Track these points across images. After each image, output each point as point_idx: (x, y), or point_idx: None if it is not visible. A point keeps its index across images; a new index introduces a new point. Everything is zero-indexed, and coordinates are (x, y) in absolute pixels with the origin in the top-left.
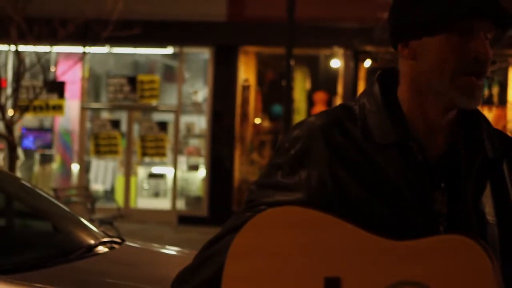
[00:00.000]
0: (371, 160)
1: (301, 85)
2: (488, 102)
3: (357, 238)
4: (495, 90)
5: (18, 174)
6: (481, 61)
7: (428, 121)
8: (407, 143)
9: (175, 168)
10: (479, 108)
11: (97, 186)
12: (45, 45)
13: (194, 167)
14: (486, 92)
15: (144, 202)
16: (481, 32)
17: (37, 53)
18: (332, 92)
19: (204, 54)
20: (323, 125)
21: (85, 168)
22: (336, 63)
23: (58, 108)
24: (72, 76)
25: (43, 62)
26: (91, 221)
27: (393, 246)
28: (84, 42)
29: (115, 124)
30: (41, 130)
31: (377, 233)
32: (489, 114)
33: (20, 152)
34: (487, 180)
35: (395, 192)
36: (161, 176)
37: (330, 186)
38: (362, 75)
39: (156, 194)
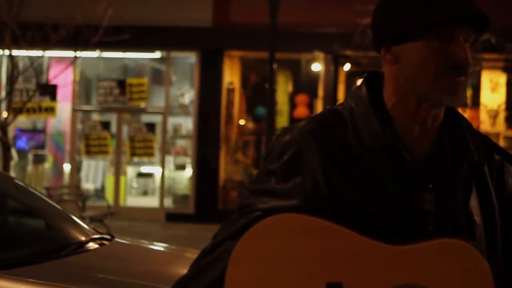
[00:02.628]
0: (362, 163)
1: (283, 88)
2: (462, 104)
3: (356, 243)
4: (469, 93)
5: (12, 173)
6: (461, 65)
7: (415, 123)
8: (396, 146)
9: (163, 168)
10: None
11: (88, 185)
12: (38, 49)
13: (181, 167)
14: None
15: (133, 200)
16: (461, 37)
17: (30, 57)
18: (313, 95)
19: (190, 58)
20: (314, 130)
21: (77, 168)
22: (317, 66)
23: (50, 110)
24: (63, 80)
25: (36, 66)
26: (82, 218)
27: (392, 251)
28: (75, 46)
29: (105, 125)
30: (34, 131)
31: (376, 238)
32: (468, 120)
33: (14, 152)
34: (473, 181)
35: (386, 193)
36: (149, 175)
37: (325, 190)
38: (341, 78)
39: (145, 193)
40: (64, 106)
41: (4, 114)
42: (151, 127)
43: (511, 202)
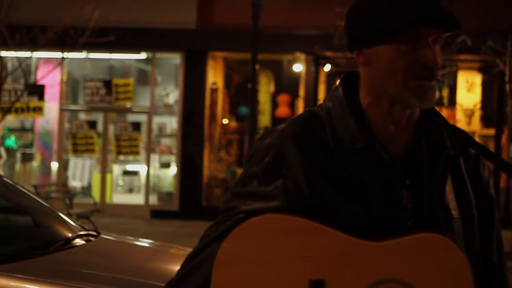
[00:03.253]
0: (341, 164)
1: (265, 88)
2: (439, 103)
3: (337, 241)
4: (445, 92)
5: (1, 171)
6: (430, 67)
7: (390, 122)
8: (373, 146)
9: (148, 166)
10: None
11: (75, 183)
12: (26, 50)
13: (166, 165)
14: (437, 94)
15: (119, 198)
16: (429, 39)
17: (18, 58)
18: (294, 95)
19: (175, 59)
20: (294, 133)
21: (64, 166)
22: (298, 67)
23: (38, 110)
24: (51, 80)
25: (24, 66)
26: (69, 215)
27: (372, 247)
28: (63, 48)
29: (92, 124)
30: (22, 130)
31: (356, 235)
32: (443, 116)
33: (2, 151)
34: (449, 176)
35: (365, 192)
36: (135, 173)
37: (306, 191)
38: (322, 78)
39: (130, 190)
40: (51, 106)
41: None
42: (136, 126)
43: (486, 194)
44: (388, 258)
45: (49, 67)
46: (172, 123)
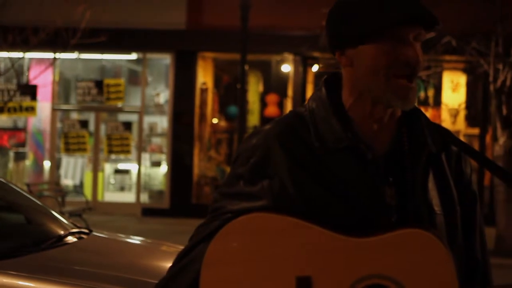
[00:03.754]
0: (326, 164)
1: (254, 88)
2: (424, 103)
3: (323, 238)
4: (431, 93)
5: None
6: (412, 64)
7: (372, 121)
8: (356, 145)
9: (139, 164)
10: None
11: (67, 181)
12: (19, 51)
13: (157, 163)
14: (422, 94)
15: (111, 196)
16: (411, 37)
17: (11, 59)
18: (283, 94)
19: (165, 59)
20: (279, 134)
21: (56, 165)
22: (286, 67)
23: (31, 109)
24: (43, 80)
25: (17, 67)
26: (61, 213)
27: (357, 243)
28: (55, 48)
29: (84, 124)
30: (15, 129)
31: (341, 232)
32: (425, 114)
33: None
34: (431, 173)
35: (350, 191)
36: (126, 171)
37: (292, 191)
38: (310, 78)
39: (122, 188)
40: (44, 105)
41: None
42: (127, 125)
43: (469, 190)
44: (372, 254)
45: (41, 67)
46: (162, 122)
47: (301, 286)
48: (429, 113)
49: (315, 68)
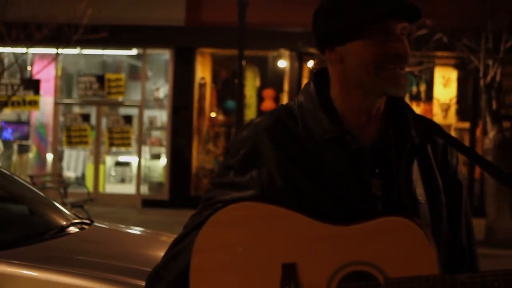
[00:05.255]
0: (314, 155)
1: (251, 83)
2: (417, 98)
3: (308, 226)
4: (423, 88)
5: None
6: (402, 55)
7: (360, 114)
8: (343, 137)
9: (139, 157)
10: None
11: (69, 173)
12: (22, 47)
13: (156, 156)
14: (414, 89)
15: (112, 188)
16: (397, 29)
17: (14, 54)
18: (279, 89)
19: (165, 55)
20: (268, 126)
21: (59, 157)
22: (282, 63)
23: (34, 103)
24: (46, 75)
25: (20, 62)
26: (63, 204)
27: (340, 231)
28: (57, 44)
29: (85, 117)
30: (19, 123)
31: (326, 220)
32: (417, 109)
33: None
34: (415, 163)
35: (337, 182)
36: (126, 164)
37: (280, 182)
38: (305, 74)
39: (122, 180)
40: (47, 99)
41: None
42: (128, 119)
43: (454, 180)
44: (355, 241)
45: (44, 62)
46: (162, 116)
47: (286, 272)
48: (421, 107)
49: (311, 63)
